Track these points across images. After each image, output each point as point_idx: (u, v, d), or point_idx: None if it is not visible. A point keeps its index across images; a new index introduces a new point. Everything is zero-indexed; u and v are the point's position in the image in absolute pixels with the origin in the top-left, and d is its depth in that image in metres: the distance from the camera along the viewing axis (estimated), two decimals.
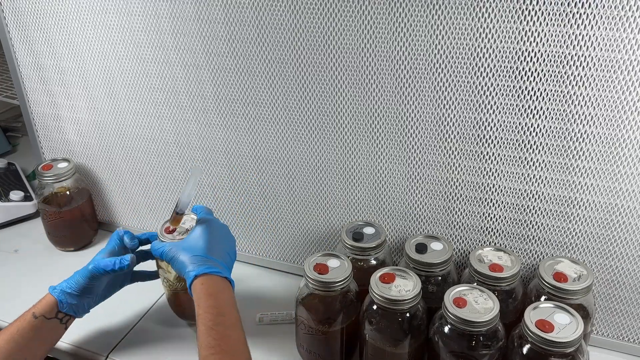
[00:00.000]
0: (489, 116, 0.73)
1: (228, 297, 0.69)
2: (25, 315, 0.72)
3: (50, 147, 1.08)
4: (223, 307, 0.67)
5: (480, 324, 0.66)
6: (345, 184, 0.87)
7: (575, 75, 0.67)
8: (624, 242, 0.74)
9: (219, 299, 0.67)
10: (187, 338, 0.85)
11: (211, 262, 0.72)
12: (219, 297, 0.67)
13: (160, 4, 0.82)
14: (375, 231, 0.83)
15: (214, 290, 0.68)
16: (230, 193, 0.96)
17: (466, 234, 0.83)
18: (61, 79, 0.98)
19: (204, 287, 0.68)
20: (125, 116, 0.96)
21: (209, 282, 0.69)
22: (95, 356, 0.82)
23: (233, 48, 0.82)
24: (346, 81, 0.78)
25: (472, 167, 0.78)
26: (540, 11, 0.65)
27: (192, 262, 0.71)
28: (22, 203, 1.11)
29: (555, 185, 0.75)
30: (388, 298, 0.69)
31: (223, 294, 0.69)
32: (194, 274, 0.69)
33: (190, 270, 0.70)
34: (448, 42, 0.70)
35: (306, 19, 0.75)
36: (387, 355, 0.72)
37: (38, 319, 0.72)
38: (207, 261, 0.72)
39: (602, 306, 0.80)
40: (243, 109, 0.87)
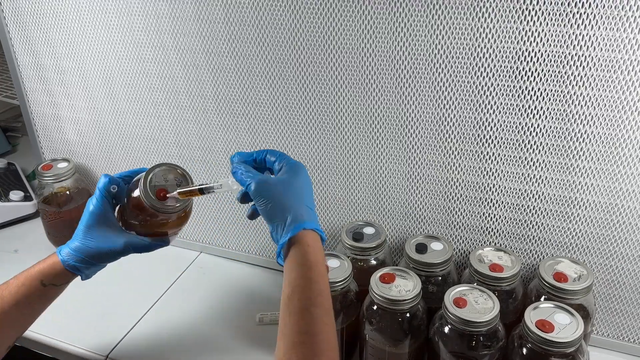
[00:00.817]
0: (489, 116, 0.73)
1: (325, 270, 0.59)
2: (32, 282, 0.66)
3: (50, 147, 1.07)
4: (323, 284, 0.57)
5: (480, 324, 0.66)
6: (345, 184, 0.87)
7: (576, 75, 0.67)
8: (624, 242, 0.74)
9: (321, 272, 0.57)
10: (187, 338, 0.85)
11: (311, 215, 0.60)
12: (321, 270, 0.57)
13: (160, 4, 0.82)
14: (375, 231, 0.83)
15: (317, 258, 0.57)
16: (229, 193, 0.95)
17: (466, 234, 0.83)
18: (61, 78, 0.97)
19: (308, 251, 0.57)
20: (125, 116, 0.96)
21: (313, 244, 0.58)
22: (95, 356, 0.82)
23: (233, 48, 0.82)
24: (346, 81, 0.78)
25: (472, 167, 0.77)
26: (541, 11, 0.65)
27: (291, 210, 0.59)
28: (22, 203, 1.11)
29: (555, 185, 0.75)
30: (388, 298, 0.69)
31: (323, 266, 0.58)
32: (300, 228, 0.58)
33: (294, 223, 0.58)
34: (448, 42, 0.70)
35: (306, 19, 0.75)
36: (387, 355, 0.72)
37: (47, 287, 0.67)
38: (307, 212, 0.60)
39: (602, 306, 0.80)
40: (243, 109, 0.87)
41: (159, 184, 0.68)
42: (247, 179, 0.61)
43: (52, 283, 0.67)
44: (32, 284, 0.66)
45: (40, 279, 0.66)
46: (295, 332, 0.53)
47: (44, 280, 0.67)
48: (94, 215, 0.68)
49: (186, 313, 0.90)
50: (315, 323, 0.54)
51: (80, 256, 0.67)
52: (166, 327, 0.87)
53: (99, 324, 0.87)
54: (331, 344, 0.54)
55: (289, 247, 0.59)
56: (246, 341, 0.84)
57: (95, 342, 0.84)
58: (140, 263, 0.99)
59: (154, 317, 0.89)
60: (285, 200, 0.60)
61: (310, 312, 0.54)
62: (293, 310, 0.55)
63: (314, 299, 0.55)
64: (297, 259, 0.58)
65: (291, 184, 0.62)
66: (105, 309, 0.90)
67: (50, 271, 0.67)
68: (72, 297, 0.92)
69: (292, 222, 0.59)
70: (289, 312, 0.55)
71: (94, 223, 0.68)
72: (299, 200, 0.61)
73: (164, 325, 0.87)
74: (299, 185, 0.62)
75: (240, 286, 0.96)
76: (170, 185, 0.69)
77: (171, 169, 0.70)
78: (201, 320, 0.88)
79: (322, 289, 0.57)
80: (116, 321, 0.88)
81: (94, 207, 0.68)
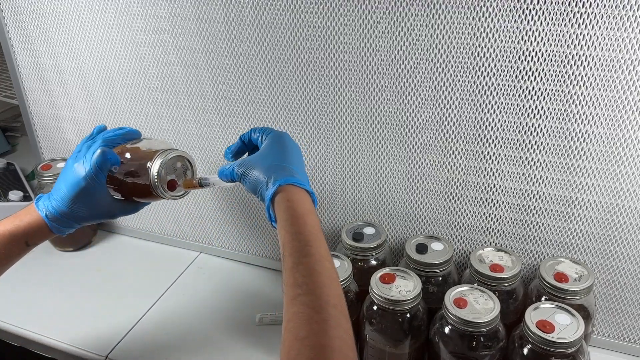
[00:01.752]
0: (489, 116, 0.73)
1: (315, 219, 0.57)
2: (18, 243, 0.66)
3: (49, 147, 1.07)
4: (310, 233, 0.55)
5: (480, 324, 0.65)
6: (345, 184, 0.87)
7: (576, 74, 0.67)
8: (625, 242, 0.74)
9: (307, 222, 0.55)
10: (187, 338, 0.85)
11: (292, 172, 0.59)
12: (306, 220, 0.56)
13: (159, 3, 0.82)
14: (375, 231, 0.83)
15: (301, 210, 0.56)
16: (230, 193, 0.95)
17: (467, 234, 0.83)
18: (60, 78, 0.97)
19: (289, 205, 0.56)
20: (124, 116, 0.96)
21: (295, 198, 0.57)
22: (95, 356, 0.82)
23: (233, 47, 0.82)
24: (346, 81, 0.78)
25: (473, 167, 0.77)
26: (541, 10, 0.65)
27: (270, 171, 0.59)
28: (21, 203, 1.11)
29: (556, 185, 0.74)
30: (388, 298, 0.69)
31: (310, 215, 0.57)
32: (277, 184, 0.57)
33: (271, 181, 0.58)
34: (448, 42, 0.70)
35: (306, 18, 0.75)
36: (387, 355, 0.72)
37: (30, 246, 0.68)
38: (287, 170, 0.59)
39: (603, 306, 0.80)
40: (243, 108, 0.86)
41: (169, 174, 0.68)
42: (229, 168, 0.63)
43: (36, 243, 0.68)
44: (17, 244, 0.67)
45: (25, 240, 0.67)
46: (291, 286, 0.51)
47: (29, 241, 0.67)
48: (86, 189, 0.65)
49: (186, 313, 0.89)
50: (309, 273, 0.52)
51: (65, 220, 0.67)
52: (166, 327, 0.87)
53: (99, 324, 0.87)
54: (334, 291, 0.52)
55: (274, 210, 0.58)
56: (246, 341, 0.84)
57: (95, 342, 0.84)
58: (140, 263, 0.99)
59: (154, 317, 0.89)
60: (262, 167, 0.60)
61: (301, 264, 0.52)
62: (286, 267, 0.53)
63: (302, 249, 0.53)
64: (281, 216, 0.57)
65: (269, 152, 0.62)
66: (105, 309, 0.90)
67: (35, 232, 0.67)
68: (72, 297, 0.93)
69: (268, 183, 0.59)
70: (284, 270, 0.53)
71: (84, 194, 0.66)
72: (278, 162, 0.60)
73: (163, 325, 0.87)
74: (279, 150, 0.62)
75: (240, 286, 0.96)
76: (178, 174, 0.69)
77: (179, 156, 0.70)
78: (201, 320, 0.88)
79: (308, 239, 0.55)
80: (116, 321, 0.87)
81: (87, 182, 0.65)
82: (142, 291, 0.94)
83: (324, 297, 0.50)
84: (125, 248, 1.05)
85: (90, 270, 0.97)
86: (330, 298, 0.50)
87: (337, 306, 0.50)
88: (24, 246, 0.67)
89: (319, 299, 0.50)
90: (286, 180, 0.58)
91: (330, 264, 0.54)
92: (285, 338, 0.48)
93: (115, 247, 1.07)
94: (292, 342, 0.47)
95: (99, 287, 0.95)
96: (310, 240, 0.54)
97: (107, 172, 0.66)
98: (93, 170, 0.65)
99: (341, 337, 0.48)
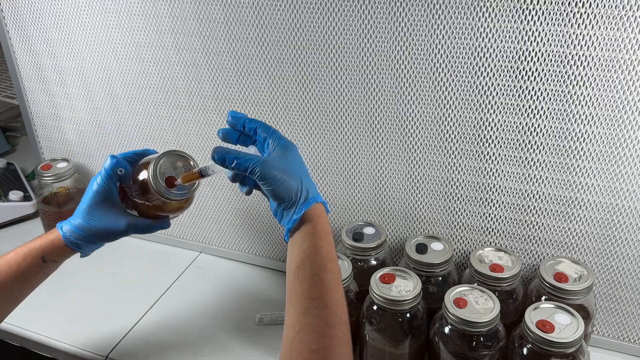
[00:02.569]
0: (489, 116, 0.73)
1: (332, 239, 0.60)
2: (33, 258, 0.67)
3: (49, 147, 1.07)
4: (332, 250, 0.58)
5: (480, 324, 0.65)
6: (345, 184, 0.87)
7: (576, 74, 0.67)
8: (625, 242, 0.74)
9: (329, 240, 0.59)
10: (187, 338, 0.85)
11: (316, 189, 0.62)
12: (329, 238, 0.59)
13: (159, 3, 0.82)
14: (375, 231, 0.83)
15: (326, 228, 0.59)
16: (230, 193, 0.95)
17: (466, 234, 0.83)
18: (60, 78, 0.97)
19: (320, 221, 0.59)
20: (124, 116, 0.96)
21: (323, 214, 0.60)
22: (95, 356, 0.82)
23: (232, 47, 0.82)
24: (346, 81, 0.78)
25: (473, 167, 0.77)
26: (541, 11, 0.65)
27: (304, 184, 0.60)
28: (22, 203, 1.11)
29: (555, 185, 0.75)
30: (388, 298, 0.69)
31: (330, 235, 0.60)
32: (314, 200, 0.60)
33: (309, 195, 0.60)
34: (448, 42, 0.70)
35: (306, 18, 0.75)
36: (387, 355, 0.72)
37: (47, 262, 0.67)
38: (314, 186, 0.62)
39: (603, 306, 0.80)
40: (243, 108, 0.86)
41: (168, 171, 0.68)
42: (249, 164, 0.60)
43: (52, 259, 0.68)
44: (33, 261, 0.67)
45: (41, 255, 0.67)
46: (307, 298, 0.53)
47: (45, 256, 0.67)
48: (98, 195, 0.67)
49: (186, 313, 0.90)
50: (326, 289, 0.54)
51: (82, 234, 0.67)
52: (166, 327, 0.87)
53: (99, 324, 0.87)
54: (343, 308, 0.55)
55: (300, 222, 0.60)
56: (246, 341, 0.84)
57: (95, 342, 0.84)
58: (141, 263, 0.99)
59: (154, 317, 0.89)
60: (291, 179, 0.61)
61: (321, 278, 0.55)
62: (303, 278, 0.55)
63: (324, 265, 0.56)
64: (308, 230, 0.59)
65: (292, 162, 0.63)
66: (105, 309, 0.90)
67: (51, 247, 0.67)
68: (72, 297, 0.93)
69: (302, 198, 0.60)
70: (299, 280, 0.55)
71: (98, 202, 0.67)
72: (303, 176, 0.62)
73: (164, 325, 0.87)
74: (298, 161, 0.64)
75: (240, 286, 0.96)
76: (178, 172, 0.69)
77: (180, 156, 0.69)
78: (201, 320, 0.88)
79: (332, 256, 0.58)
80: (116, 321, 0.87)
81: (99, 187, 0.67)
82: (142, 291, 0.94)
83: (338, 314, 0.53)
84: (126, 248, 1.05)
85: (90, 270, 0.97)
86: (342, 316, 0.54)
87: (346, 324, 0.54)
88: (39, 262, 0.67)
89: (333, 315, 0.53)
90: (318, 198, 0.61)
91: (341, 284, 0.57)
92: (295, 347, 0.50)
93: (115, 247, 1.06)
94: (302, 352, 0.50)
95: (99, 287, 0.95)
96: (331, 257, 0.58)
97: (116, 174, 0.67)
98: (103, 175, 0.67)
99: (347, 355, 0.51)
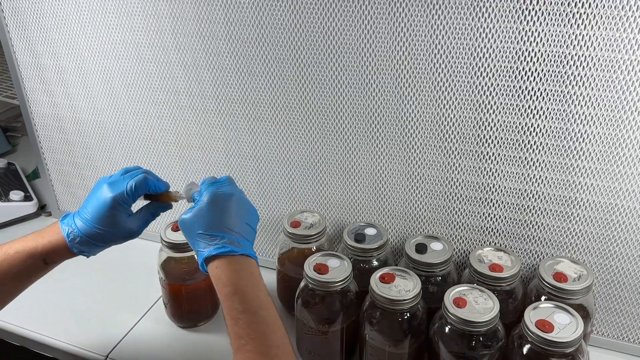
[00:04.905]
0: (489, 116, 0.73)
1: (248, 278, 0.61)
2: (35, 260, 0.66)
3: (50, 147, 1.07)
4: (245, 292, 0.60)
5: (480, 324, 0.66)
6: (345, 184, 0.87)
7: (576, 75, 0.67)
8: (624, 242, 0.74)
9: (239, 283, 0.60)
10: (187, 338, 0.85)
11: (223, 240, 0.62)
12: (238, 282, 0.60)
13: (160, 3, 0.82)
14: (376, 232, 0.83)
15: (231, 275, 0.61)
16: None
17: (466, 234, 0.83)
18: (61, 78, 0.97)
19: (218, 272, 0.61)
20: (125, 116, 0.96)
21: (224, 265, 0.61)
22: (95, 356, 0.82)
23: (233, 48, 0.82)
24: (346, 81, 0.78)
25: (472, 167, 0.77)
26: (541, 11, 0.65)
27: (200, 240, 0.62)
28: (22, 203, 1.11)
29: (555, 185, 0.75)
30: (388, 298, 0.69)
31: (242, 276, 0.61)
32: (203, 256, 0.62)
33: (201, 251, 0.62)
34: (448, 42, 0.70)
35: (306, 18, 0.75)
36: (387, 355, 0.72)
37: (49, 264, 0.67)
38: (215, 239, 0.62)
39: (602, 306, 0.80)
40: (243, 108, 0.87)
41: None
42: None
43: (54, 261, 0.68)
44: (35, 262, 0.66)
45: (43, 258, 0.67)
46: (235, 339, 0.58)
47: (47, 259, 0.67)
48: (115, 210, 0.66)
49: None
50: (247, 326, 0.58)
51: (91, 242, 0.67)
52: (166, 327, 0.87)
53: (99, 324, 0.87)
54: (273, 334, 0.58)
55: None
56: None
57: (95, 342, 0.84)
58: (141, 262, 0.99)
59: (154, 317, 0.89)
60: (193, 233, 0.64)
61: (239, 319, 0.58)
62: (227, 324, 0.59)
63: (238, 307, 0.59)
64: (214, 282, 0.62)
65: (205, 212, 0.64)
66: (105, 309, 0.90)
67: (54, 252, 0.67)
68: (72, 297, 0.93)
69: (198, 252, 0.64)
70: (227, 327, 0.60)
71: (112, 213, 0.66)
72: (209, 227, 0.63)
73: (164, 325, 0.87)
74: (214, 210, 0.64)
75: None
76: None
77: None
78: None
79: (242, 299, 0.60)
80: (116, 321, 0.88)
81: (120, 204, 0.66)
82: (142, 291, 0.94)
83: (267, 341, 0.57)
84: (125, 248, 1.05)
85: (91, 270, 0.97)
86: (273, 341, 0.57)
87: (280, 346, 0.57)
88: (41, 264, 0.67)
89: (262, 345, 0.57)
90: (212, 251, 0.62)
91: (266, 311, 0.59)
92: None
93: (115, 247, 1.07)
94: None
95: (99, 287, 0.96)
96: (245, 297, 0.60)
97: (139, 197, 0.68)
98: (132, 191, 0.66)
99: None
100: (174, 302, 0.84)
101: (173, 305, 0.85)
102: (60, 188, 1.11)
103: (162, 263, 0.82)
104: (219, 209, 0.64)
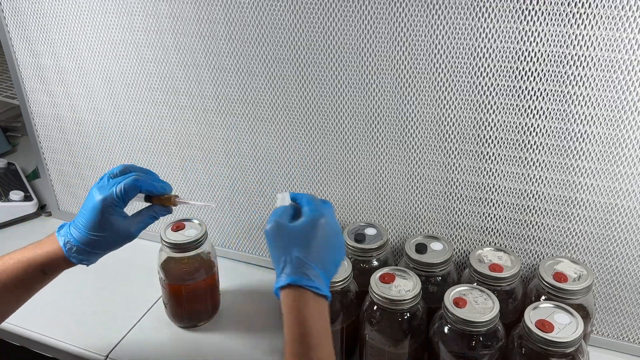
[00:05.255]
0: (489, 116, 0.73)
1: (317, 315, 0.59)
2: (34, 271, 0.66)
3: (50, 147, 1.07)
4: (309, 326, 0.57)
5: (480, 324, 0.66)
6: (345, 184, 0.87)
7: (576, 75, 0.67)
8: (624, 242, 0.74)
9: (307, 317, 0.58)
10: (187, 338, 0.85)
11: (311, 272, 0.59)
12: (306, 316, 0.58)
13: (160, 4, 0.82)
14: (377, 232, 0.83)
15: (301, 306, 0.58)
16: (230, 193, 0.95)
17: (466, 234, 0.83)
18: (61, 78, 0.97)
19: (289, 300, 0.59)
20: (125, 116, 0.96)
21: (300, 297, 0.59)
22: (95, 356, 0.82)
23: (233, 48, 0.82)
24: (346, 81, 0.78)
25: (472, 167, 0.77)
26: (540, 11, 0.65)
27: (289, 263, 0.59)
28: (22, 203, 1.11)
29: (555, 185, 0.75)
30: (388, 298, 0.69)
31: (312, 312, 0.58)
32: (285, 282, 0.59)
33: (283, 275, 0.59)
34: (448, 42, 0.70)
35: (306, 18, 0.75)
36: (387, 355, 0.72)
37: (47, 275, 0.67)
38: (306, 269, 0.59)
39: (602, 306, 0.80)
40: (243, 108, 0.87)
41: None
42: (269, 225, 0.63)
43: (53, 272, 0.67)
44: (34, 273, 0.66)
45: (42, 269, 0.66)
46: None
47: (45, 269, 0.66)
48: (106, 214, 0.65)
49: None
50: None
51: (88, 250, 0.66)
52: (166, 327, 0.87)
53: (99, 324, 0.87)
54: None
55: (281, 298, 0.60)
56: (246, 340, 0.84)
57: (95, 342, 0.84)
58: (141, 262, 0.99)
59: (154, 317, 0.89)
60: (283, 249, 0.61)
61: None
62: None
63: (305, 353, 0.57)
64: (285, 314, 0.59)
65: (301, 234, 0.61)
66: (105, 309, 0.90)
67: (52, 262, 0.66)
68: (72, 297, 0.93)
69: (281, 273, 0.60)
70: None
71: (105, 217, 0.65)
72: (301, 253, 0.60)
73: (164, 325, 0.87)
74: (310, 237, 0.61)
75: (239, 285, 0.96)
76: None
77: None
78: None
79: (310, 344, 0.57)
80: (116, 321, 0.88)
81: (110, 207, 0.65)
82: (142, 291, 0.94)
83: None
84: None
85: (91, 270, 0.97)
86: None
87: None
88: (41, 275, 0.66)
89: None
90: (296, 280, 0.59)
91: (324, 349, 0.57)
92: None
93: None
94: None
95: (99, 287, 0.96)
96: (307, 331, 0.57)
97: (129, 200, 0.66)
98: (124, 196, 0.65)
99: None
100: (174, 302, 0.84)
101: (173, 305, 0.85)
102: (60, 188, 1.11)
103: (162, 263, 0.82)
104: (325, 238, 0.61)
